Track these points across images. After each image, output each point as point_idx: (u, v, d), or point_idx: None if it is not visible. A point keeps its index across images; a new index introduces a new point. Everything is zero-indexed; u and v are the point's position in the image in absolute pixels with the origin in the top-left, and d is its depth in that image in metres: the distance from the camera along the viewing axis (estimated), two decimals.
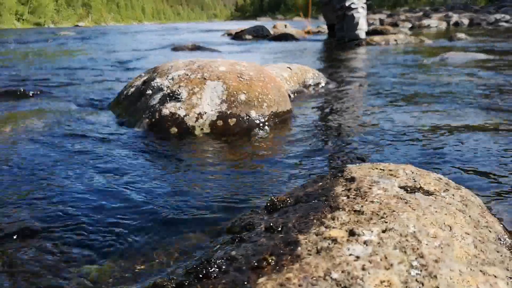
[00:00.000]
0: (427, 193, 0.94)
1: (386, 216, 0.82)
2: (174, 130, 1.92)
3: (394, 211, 0.83)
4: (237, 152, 1.66)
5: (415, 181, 1.00)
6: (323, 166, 1.47)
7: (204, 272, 0.77)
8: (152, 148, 1.71)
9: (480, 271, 0.71)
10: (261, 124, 1.97)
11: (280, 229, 0.88)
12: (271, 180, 1.35)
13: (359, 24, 7.06)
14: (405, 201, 0.88)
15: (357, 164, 1.19)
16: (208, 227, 1.05)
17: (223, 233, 0.99)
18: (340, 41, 7.51)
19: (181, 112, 1.95)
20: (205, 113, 1.95)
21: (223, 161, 1.55)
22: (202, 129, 1.92)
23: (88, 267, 0.91)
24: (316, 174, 1.40)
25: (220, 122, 1.93)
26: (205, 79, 2.06)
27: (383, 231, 0.77)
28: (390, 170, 1.06)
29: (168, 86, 2.09)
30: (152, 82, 2.19)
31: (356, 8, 7.03)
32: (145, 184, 1.33)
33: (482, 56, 4.47)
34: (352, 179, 1.03)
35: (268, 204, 1.05)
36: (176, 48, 6.83)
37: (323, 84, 2.93)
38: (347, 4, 6.97)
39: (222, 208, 1.17)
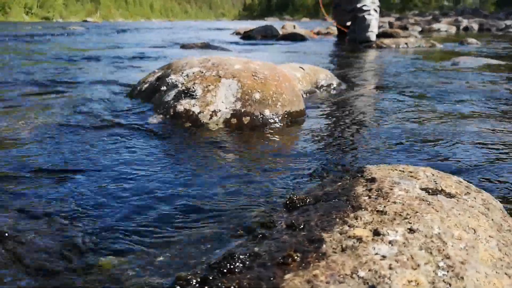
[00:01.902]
0: (449, 195, 0.94)
1: (410, 217, 0.82)
2: (188, 126, 1.92)
3: (417, 212, 0.84)
4: (251, 149, 1.66)
5: (436, 183, 1.00)
6: (339, 166, 1.47)
7: (228, 267, 0.77)
8: (166, 141, 1.72)
9: (506, 274, 0.71)
10: (275, 123, 1.97)
11: (302, 226, 0.88)
12: (287, 178, 1.35)
13: (371, 26, 7.05)
14: (428, 202, 0.88)
15: (376, 165, 1.19)
16: (226, 223, 1.05)
17: (243, 230, 0.99)
18: (350, 42, 7.50)
19: (196, 109, 1.96)
20: (220, 110, 1.95)
21: (238, 157, 1.56)
22: (216, 126, 1.92)
23: (108, 258, 0.92)
24: (332, 174, 1.40)
25: (234, 120, 1.94)
26: (220, 77, 2.07)
27: (408, 232, 0.77)
28: (410, 172, 1.06)
29: (183, 83, 2.09)
30: (166, 79, 2.20)
31: (368, 10, 7.02)
32: (160, 178, 1.33)
33: (493, 61, 4.45)
34: (373, 180, 1.03)
35: (288, 202, 1.05)
36: (185, 46, 6.84)
37: (335, 85, 2.93)
38: (358, 6, 6.96)
39: (240, 204, 1.18)
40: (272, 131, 1.88)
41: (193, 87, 2.04)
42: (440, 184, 1.00)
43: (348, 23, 8.17)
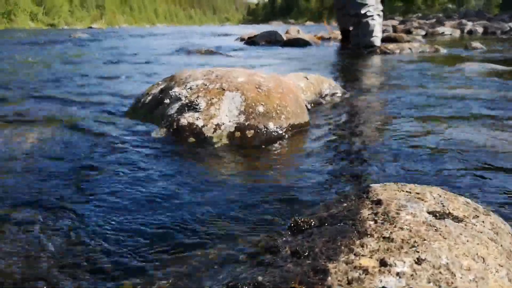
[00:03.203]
0: (457, 219, 0.92)
1: (417, 245, 0.80)
2: (191, 139, 1.91)
3: (425, 239, 0.82)
4: (255, 165, 1.65)
5: (443, 206, 0.98)
6: (344, 183, 1.45)
7: None
8: (169, 158, 1.71)
9: None
10: (279, 136, 1.95)
11: (307, 254, 0.86)
12: (291, 197, 1.33)
13: (375, 31, 7.04)
14: (435, 228, 0.86)
15: (381, 184, 1.17)
16: (229, 247, 1.04)
17: (246, 255, 0.98)
18: (354, 47, 7.48)
19: (199, 123, 1.95)
20: (223, 124, 1.94)
21: (241, 174, 1.54)
22: (219, 139, 1.91)
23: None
24: (337, 190, 1.38)
25: (238, 134, 1.93)
26: (223, 89, 2.05)
27: (416, 262, 0.75)
28: (417, 193, 1.04)
29: (186, 96, 2.08)
30: (170, 91, 2.19)
31: (372, 16, 7.00)
32: (160, 198, 1.32)
33: (499, 67, 4.42)
34: (379, 202, 1.01)
35: (292, 225, 1.03)
36: (190, 53, 6.84)
37: (339, 94, 2.92)
38: (362, 11, 6.94)
39: (241, 223, 1.16)
40: (276, 145, 1.87)
41: (196, 100, 2.03)
42: (448, 206, 0.98)
43: (351, 28, 8.16)
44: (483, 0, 39.94)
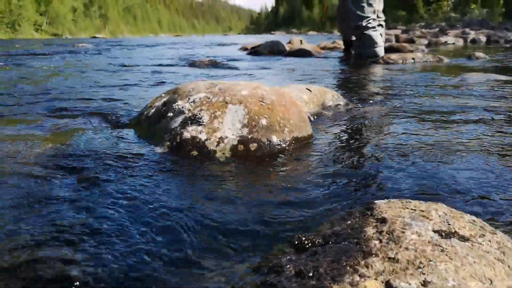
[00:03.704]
0: (463, 238, 0.91)
1: (423, 267, 0.79)
2: (195, 153, 1.91)
3: (430, 260, 0.81)
4: (258, 180, 1.64)
5: (449, 224, 0.97)
6: (348, 196, 1.44)
7: None
8: (172, 172, 1.70)
9: None
10: (283, 149, 1.95)
11: (311, 274, 0.85)
12: (294, 211, 1.33)
13: (377, 42, 7.06)
14: (441, 248, 0.85)
15: (385, 200, 1.16)
16: (232, 267, 1.03)
17: (249, 275, 0.97)
18: (357, 58, 7.50)
19: (202, 136, 1.94)
20: (226, 137, 1.94)
21: (244, 189, 1.54)
22: (223, 153, 1.90)
23: None
24: (341, 205, 1.38)
25: (241, 147, 1.92)
26: (226, 102, 2.05)
27: (422, 285, 0.74)
28: (422, 211, 1.03)
29: (189, 109, 2.08)
30: (173, 104, 2.19)
31: (374, 27, 7.02)
32: (160, 209, 1.31)
33: (503, 77, 4.41)
34: (383, 220, 1.00)
35: (296, 242, 1.03)
36: (193, 64, 6.87)
37: (342, 106, 2.91)
38: (364, 23, 6.96)
39: (244, 240, 1.15)
40: (279, 159, 1.86)
41: (199, 114, 2.03)
42: (454, 225, 0.97)
43: (353, 38, 8.18)
44: (486, 9, 40.03)
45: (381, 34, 7.17)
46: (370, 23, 6.96)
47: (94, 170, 1.70)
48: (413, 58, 6.70)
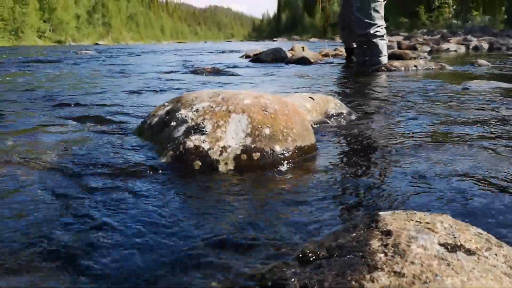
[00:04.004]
0: (469, 252, 0.90)
1: (430, 282, 0.78)
2: (198, 163, 1.90)
3: (437, 275, 0.80)
4: (261, 190, 1.64)
5: (454, 237, 0.96)
6: (351, 207, 1.43)
7: None
8: (175, 182, 1.70)
9: None
10: (286, 159, 1.94)
11: None
12: (298, 223, 1.32)
13: (383, 51, 7.06)
14: (447, 262, 0.84)
15: (390, 212, 1.15)
16: (233, 275, 1.02)
17: (252, 287, 0.96)
18: (360, 65, 7.50)
19: (205, 146, 1.94)
20: (229, 146, 1.93)
21: (248, 199, 1.53)
22: (226, 163, 1.90)
23: None
24: (345, 216, 1.37)
25: (244, 156, 1.92)
26: (229, 112, 2.05)
27: None
28: (427, 223, 1.03)
29: (193, 118, 2.08)
30: (176, 113, 2.19)
31: (382, 36, 7.01)
32: (160, 220, 1.31)
33: (505, 84, 4.40)
34: (388, 233, 0.99)
35: (300, 255, 1.02)
36: (195, 71, 6.88)
37: (345, 114, 2.91)
38: (372, 31, 6.95)
39: (247, 252, 1.15)
40: (282, 168, 1.86)
41: (202, 123, 2.03)
42: (459, 238, 0.96)
43: (355, 45, 8.19)
44: (488, 16, 40.10)
45: (386, 43, 7.18)
46: (378, 31, 6.96)
47: (94, 178, 1.70)
48: (415, 66, 6.70)
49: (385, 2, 7.06)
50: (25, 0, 65.72)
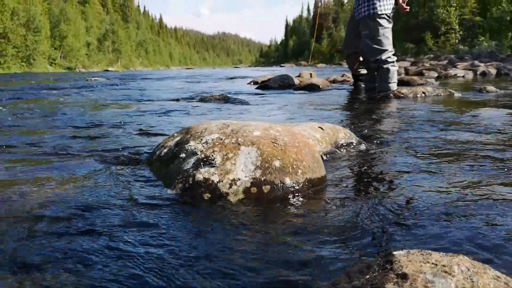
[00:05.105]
0: None
1: None
2: (207, 196, 1.89)
3: None
4: (272, 224, 1.61)
5: (472, 281, 0.93)
6: (365, 245, 1.41)
7: None
8: (184, 216, 1.69)
9: None
10: (296, 192, 1.93)
11: None
12: (309, 261, 1.29)
13: (393, 78, 7.05)
14: None
15: (405, 251, 1.12)
16: None
17: None
18: (368, 92, 7.51)
19: (215, 178, 1.93)
20: (239, 179, 1.92)
21: (256, 234, 1.51)
22: (235, 195, 1.88)
23: None
24: (358, 254, 1.34)
25: (254, 189, 1.90)
26: (239, 144, 2.05)
27: None
28: (444, 266, 1.00)
29: (202, 150, 2.08)
30: (185, 145, 2.19)
31: (393, 62, 7.02)
32: (169, 256, 1.28)
33: None
34: (404, 276, 0.97)
35: None
36: (203, 99, 6.93)
37: (355, 144, 2.89)
38: (383, 57, 6.96)
39: None
40: (293, 201, 1.84)
41: (212, 155, 2.02)
42: (477, 282, 0.93)
43: (363, 71, 8.22)
44: (495, 41, 40.27)
45: (396, 69, 7.18)
46: (390, 57, 6.97)
47: (101, 212, 1.69)
48: (423, 92, 6.70)
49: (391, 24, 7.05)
50: (37, 27, 67.30)
